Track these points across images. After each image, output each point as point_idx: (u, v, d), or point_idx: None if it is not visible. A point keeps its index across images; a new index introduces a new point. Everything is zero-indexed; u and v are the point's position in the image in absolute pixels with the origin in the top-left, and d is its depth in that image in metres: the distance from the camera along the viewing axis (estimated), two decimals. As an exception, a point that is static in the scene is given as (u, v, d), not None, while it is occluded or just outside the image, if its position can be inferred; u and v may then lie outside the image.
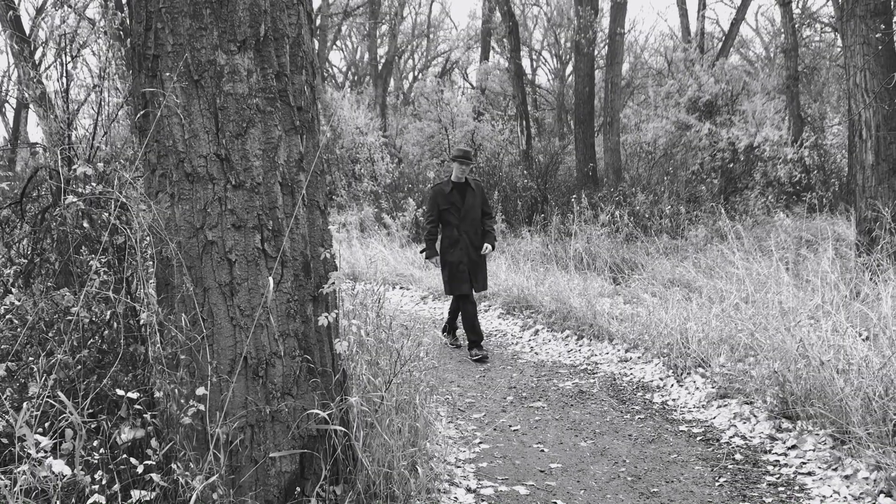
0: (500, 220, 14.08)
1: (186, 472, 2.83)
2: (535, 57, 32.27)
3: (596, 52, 19.38)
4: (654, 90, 18.88)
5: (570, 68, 27.12)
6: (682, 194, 15.20)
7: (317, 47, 26.55)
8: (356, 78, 34.26)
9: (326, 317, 3.22)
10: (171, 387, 2.98)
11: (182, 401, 2.98)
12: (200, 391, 2.95)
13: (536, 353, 7.49)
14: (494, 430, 5.25)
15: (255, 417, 3.15)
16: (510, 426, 5.32)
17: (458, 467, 4.46)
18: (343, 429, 3.26)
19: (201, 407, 2.95)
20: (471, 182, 7.49)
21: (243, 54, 3.11)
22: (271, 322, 3.16)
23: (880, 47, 8.58)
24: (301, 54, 3.32)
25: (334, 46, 34.33)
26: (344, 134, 19.23)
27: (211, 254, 3.10)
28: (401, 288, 11.28)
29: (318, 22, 27.95)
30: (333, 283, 3.29)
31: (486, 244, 7.43)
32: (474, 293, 7.52)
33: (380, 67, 27.50)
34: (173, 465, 2.84)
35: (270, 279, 2.95)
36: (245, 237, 3.12)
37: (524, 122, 18.16)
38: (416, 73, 34.38)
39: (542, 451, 4.80)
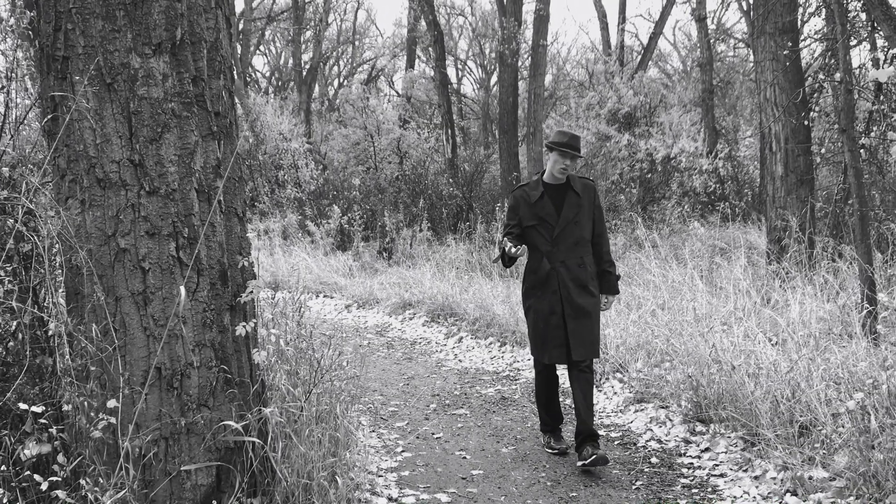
0: (426, 227, 14.13)
1: (96, 488, 2.74)
2: (460, 66, 32.54)
3: (520, 63, 19.66)
4: (575, 101, 19.26)
5: (494, 78, 27.44)
6: (602, 203, 15.48)
7: (240, 51, 26.16)
8: (280, 83, 33.85)
9: (244, 326, 3.17)
10: (80, 399, 2.87)
11: (92, 414, 2.88)
12: (112, 403, 2.85)
13: (460, 361, 7.52)
14: (417, 438, 5.25)
15: (170, 430, 3.06)
16: (433, 434, 5.33)
17: (380, 476, 4.44)
18: (258, 440, 3.20)
19: (112, 420, 2.86)
20: (575, 185, 4.74)
21: (159, 58, 3.04)
22: (186, 332, 3.08)
23: (788, 63, 8.97)
24: (219, 59, 3.26)
25: (258, 51, 33.87)
26: (267, 140, 18.96)
27: (123, 262, 3.01)
28: (325, 296, 11.18)
29: (240, 26, 27.53)
30: (252, 291, 3.24)
31: (603, 296, 4.81)
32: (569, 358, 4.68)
33: (304, 73, 27.24)
34: (82, 481, 2.74)
35: (182, 287, 2.88)
36: (159, 245, 3.04)
37: (450, 131, 18.27)
38: (341, 80, 34.21)
39: (465, 458, 4.83)
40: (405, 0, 31.92)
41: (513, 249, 4.44)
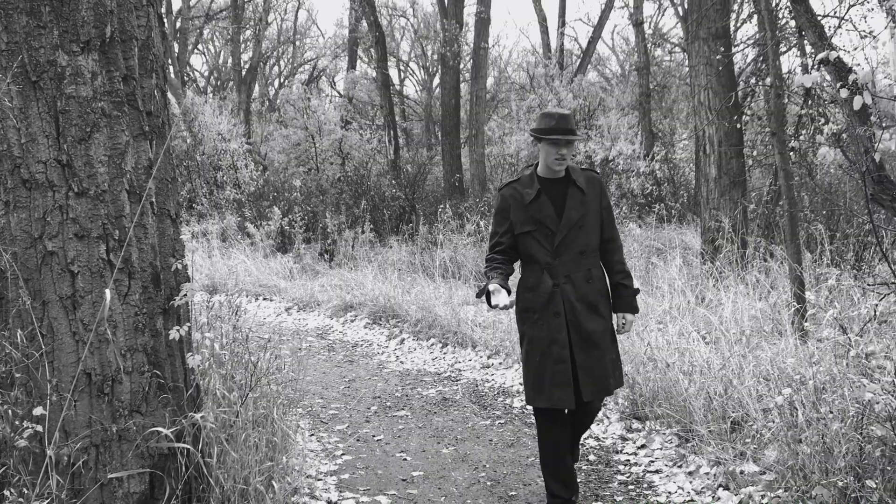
0: (368, 229, 14.07)
1: (20, 499, 2.65)
2: (402, 68, 32.50)
3: (462, 66, 19.76)
4: (516, 104, 19.42)
5: (437, 80, 27.50)
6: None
7: (177, 50, 25.65)
8: (219, 83, 33.31)
9: (178, 330, 3.11)
10: (3, 408, 2.78)
11: (17, 422, 2.79)
12: (38, 411, 2.77)
13: (402, 362, 7.51)
14: (358, 440, 5.23)
15: (101, 437, 2.99)
16: (374, 436, 5.31)
17: (320, 480, 4.41)
18: (190, 446, 3.14)
19: (39, 428, 2.77)
20: (578, 179, 3.81)
21: (87, 55, 2.97)
22: (118, 336, 3.01)
23: (721, 68, 9.21)
24: (151, 57, 3.19)
25: (196, 50, 33.25)
26: (206, 140, 18.63)
27: (51, 265, 2.92)
28: (264, 299, 11.04)
29: (177, 24, 26.99)
30: (185, 294, 3.18)
31: (620, 313, 3.90)
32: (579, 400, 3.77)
33: (244, 73, 26.86)
34: (6, 492, 2.66)
35: (108, 291, 2.81)
36: (89, 247, 2.96)
37: (392, 132, 18.25)
38: (281, 80, 33.82)
39: (405, 459, 4.82)
40: (346, 0, 31.77)
41: (500, 303, 3.53)
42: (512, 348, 6.91)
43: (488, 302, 3.64)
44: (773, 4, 9.06)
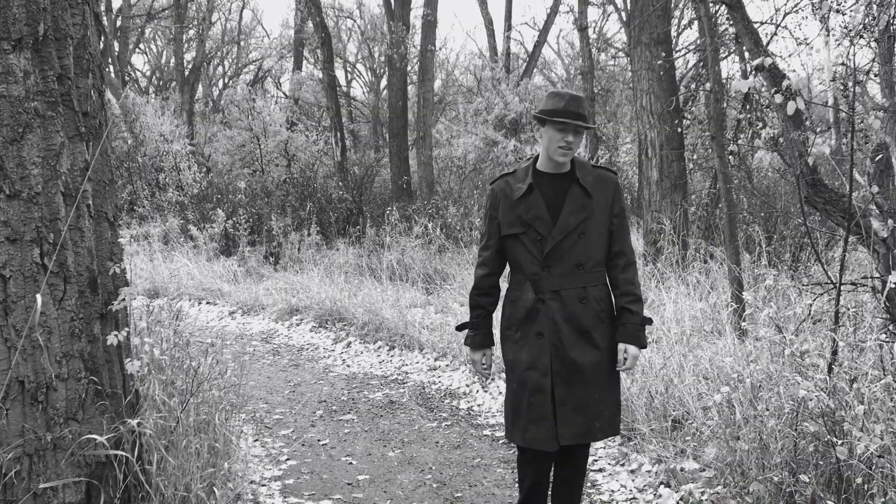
0: (315, 231, 13.95)
1: (-51, 512, 2.56)
2: (349, 69, 32.34)
3: (409, 68, 19.76)
4: (464, 107, 19.51)
5: (384, 82, 27.43)
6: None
7: (117, 49, 25.10)
8: (161, 83, 32.68)
9: (116, 335, 3.04)
10: (-69, 418, 2.68)
11: (-55, 432, 2.69)
12: (-33, 421, 2.68)
13: (348, 366, 7.47)
14: (303, 445, 5.18)
15: (35, 446, 2.90)
16: (319, 440, 5.27)
17: (263, 486, 4.36)
18: (126, 454, 3.08)
19: (-32, 438, 2.68)
20: (585, 176, 3.23)
21: (19, 54, 2.88)
22: (52, 342, 2.93)
23: (662, 73, 9.40)
24: (87, 57, 3.12)
25: (137, 49, 32.59)
26: (147, 141, 18.26)
27: (-19, 270, 2.83)
28: (207, 303, 10.86)
29: (118, 23, 26.41)
30: (124, 299, 3.11)
31: (621, 344, 3.20)
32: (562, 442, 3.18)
33: (187, 73, 26.41)
34: (-67, 505, 2.56)
35: (39, 296, 2.74)
36: (21, 251, 2.88)
37: (339, 134, 18.14)
38: (226, 81, 33.32)
39: (351, 463, 4.80)
40: (292, 1, 31.47)
41: (479, 374, 3.36)
42: (459, 350, 6.93)
43: (469, 342, 3.36)
44: (713, 11, 9.28)
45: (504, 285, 3.32)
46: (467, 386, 6.38)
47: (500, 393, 6.01)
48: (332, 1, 27.92)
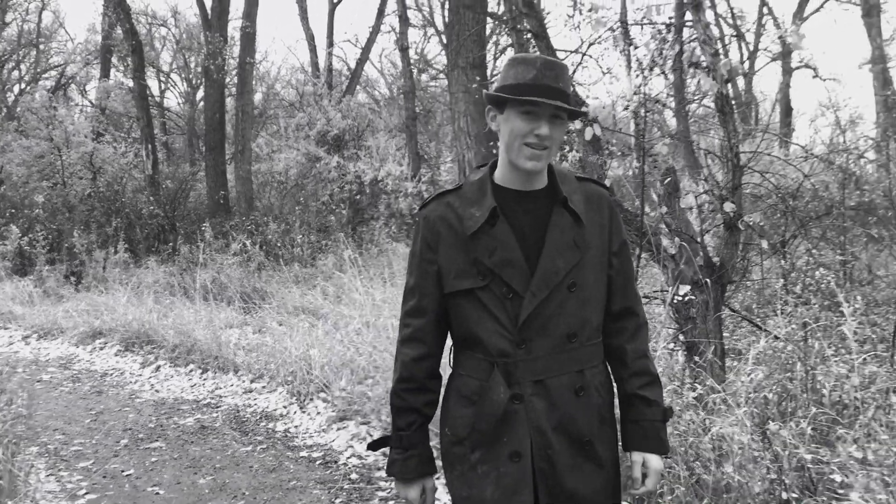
0: (122, 249, 13.13)
1: None
2: (163, 79, 30.87)
3: (228, 80, 19.17)
4: (285, 121, 19.18)
5: (201, 93, 26.43)
6: (312, 224, 15.62)
7: None
8: (-53, 86, 29.61)
9: None
10: None
11: None
12: None
13: (157, 391, 7.06)
14: (104, 477, 4.82)
15: None
16: (123, 471, 4.93)
17: (56, 525, 4.00)
18: None
19: None
20: (572, 195, 2.04)
21: None
22: None
23: (478, 96, 9.70)
24: None
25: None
26: (-73, 149, 16.45)
27: None
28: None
29: None
30: None
31: (637, 454, 2.09)
32: None
33: (-23, 76, 24.12)
34: None
35: None
36: None
37: (150, 146, 17.24)
38: (22, 86, 30.71)
39: (158, 493, 4.52)
40: (99, 5, 29.64)
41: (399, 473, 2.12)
42: (276, 370, 6.74)
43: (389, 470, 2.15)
44: (525, 38, 9.72)
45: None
46: (284, 407, 6.21)
47: (318, 413, 5.89)
48: (143, 7, 26.60)
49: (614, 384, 2.15)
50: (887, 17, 28.72)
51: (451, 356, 2.15)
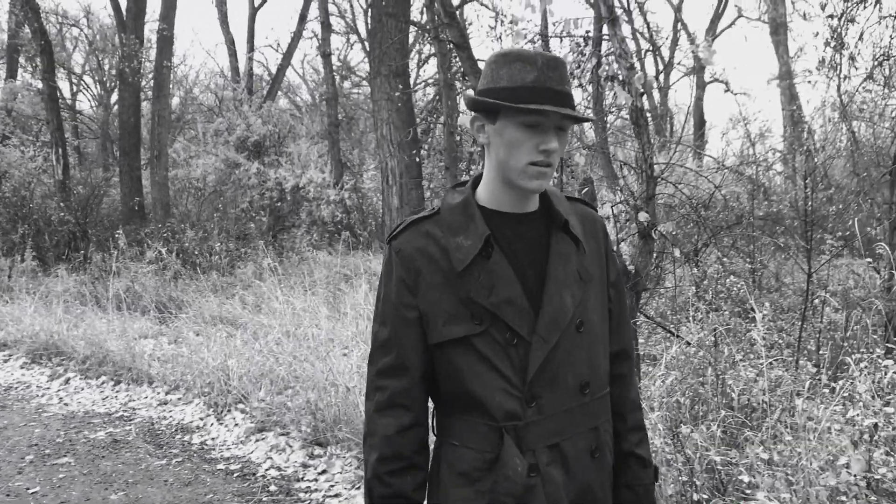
0: (30, 257, 12.59)
1: None
2: (75, 81, 29.77)
3: (144, 83, 18.65)
4: (203, 126, 18.79)
5: (115, 96, 25.59)
6: (232, 231, 15.33)
7: None
8: None
9: None
10: None
11: None
12: None
13: (66, 405, 6.79)
14: (7, 496, 4.61)
15: None
16: (28, 489, 4.72)
17: (-46, 548, 3.80)
18: None
19: None
20: (570, 217, 1.75)
21: None
22: None
23: (400, 105, 9.73)
24: None
25: None
26: None
27: None
28: None
29: None
30: None
31: None
32: None
33: None
34: None
35: None
36: None
37: (60, 150, 16.57)
38: (-81, 85, 29.17)
39: (65, 512, 4.35)
40: (6, 2, 28.41)
41: None
42: (193, 381, 6.57)
43: None
44: (448, 48, 9.80)
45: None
46: (201, 419, 6.06)
47: (237, 425, 5.77)
48: (53, 6, 25.63)
49: None
50: (793, 36, 30.13)
51: (434, 422, 1.78)
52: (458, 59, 9.38)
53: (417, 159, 9.96)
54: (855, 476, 3.23)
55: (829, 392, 4.15)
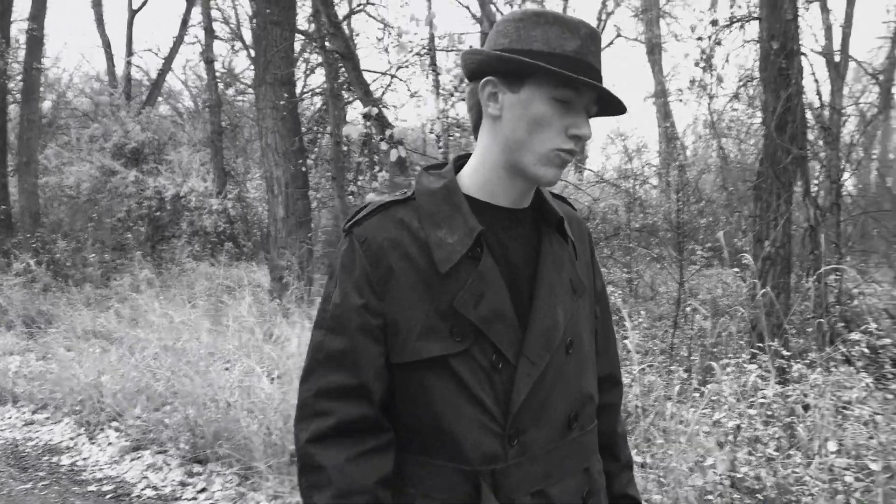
0: None
1: None
2: (-66, 80, 27.81)
3: (11, 85, 17.59)
4: (77, 132, 17.93)
5: (-21, 98, 24.03)
6: (108, 242, 14.68)
7: None
8: None
9: None
10: None
11: None
12: None
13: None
14: None
15: None
16: None
17: None
18: None
19: None
20: (565, 216, 1.46)
21: None
22: None
23: (286, 113, 9.60)
24: None
25: None
26: None
27: None
28: None
29: None
30: None
31: None
32: None
33: None
34: None
35: None
36: None
37: (-85, 155, 15.44)
38: None
39: (-85, 544, 4.04)
40: None
41: None
42: (63, 399, 6.24)
43: None
44: (334, 58, 9.75)
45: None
46: (71, 439, 5.77)
47: (110, 444, 5.52)
48: None
49: None
50: (668, 56, 31.73)
51: (398, 463, 1.38)
52: (344, 70, 9.36)
53: (304, 169, 9.83)
54: (720, 476, 3.42)
55: (699, 396, 4.38)
